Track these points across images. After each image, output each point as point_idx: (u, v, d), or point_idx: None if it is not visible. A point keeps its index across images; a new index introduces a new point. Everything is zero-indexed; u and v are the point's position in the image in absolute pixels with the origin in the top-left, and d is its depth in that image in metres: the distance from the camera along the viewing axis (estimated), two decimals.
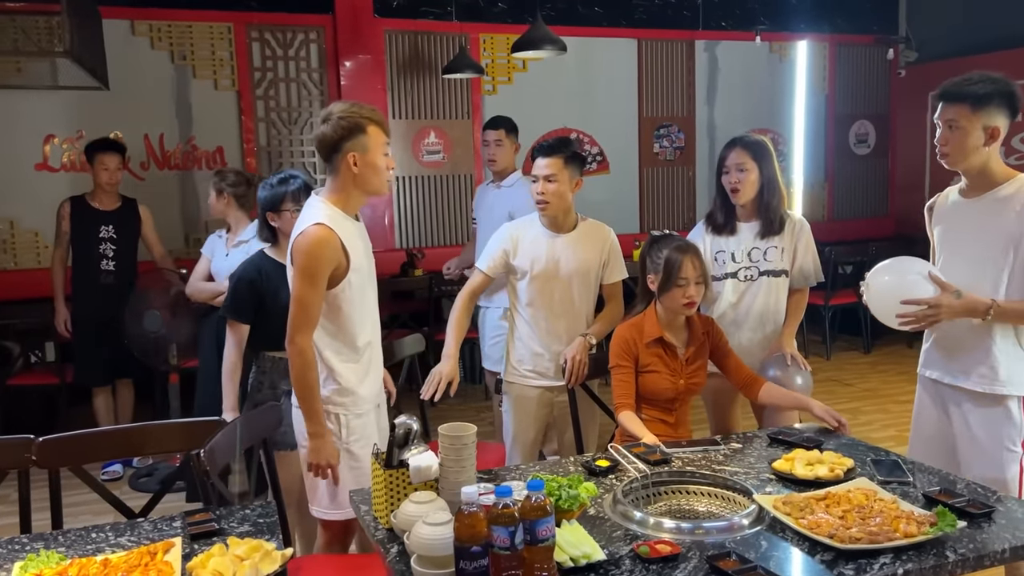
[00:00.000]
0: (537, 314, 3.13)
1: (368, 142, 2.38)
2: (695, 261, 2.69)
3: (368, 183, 2.45)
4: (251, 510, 2.03)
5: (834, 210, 8.38)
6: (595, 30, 7.34)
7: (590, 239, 3.12)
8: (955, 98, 2.38)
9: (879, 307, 2.52)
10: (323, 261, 2.36)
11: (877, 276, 2.54)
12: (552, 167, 3.01)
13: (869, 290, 2.54)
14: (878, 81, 8.39)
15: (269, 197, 2.96)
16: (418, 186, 7.06)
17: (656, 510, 2.07)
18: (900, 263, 2.55)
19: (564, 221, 3.12)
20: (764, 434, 2.55)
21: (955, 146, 2.39)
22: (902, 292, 2.43)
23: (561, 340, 3.09)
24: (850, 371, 6.39)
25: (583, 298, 3.12)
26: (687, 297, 2.68)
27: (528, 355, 3.16)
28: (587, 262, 3.10)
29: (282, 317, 2.79)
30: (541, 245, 3.11)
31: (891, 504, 1.92)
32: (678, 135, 7.79)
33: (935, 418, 2.61)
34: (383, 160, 2.43)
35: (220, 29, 6.41)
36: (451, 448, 1.88)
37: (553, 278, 3.09)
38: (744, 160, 3.07)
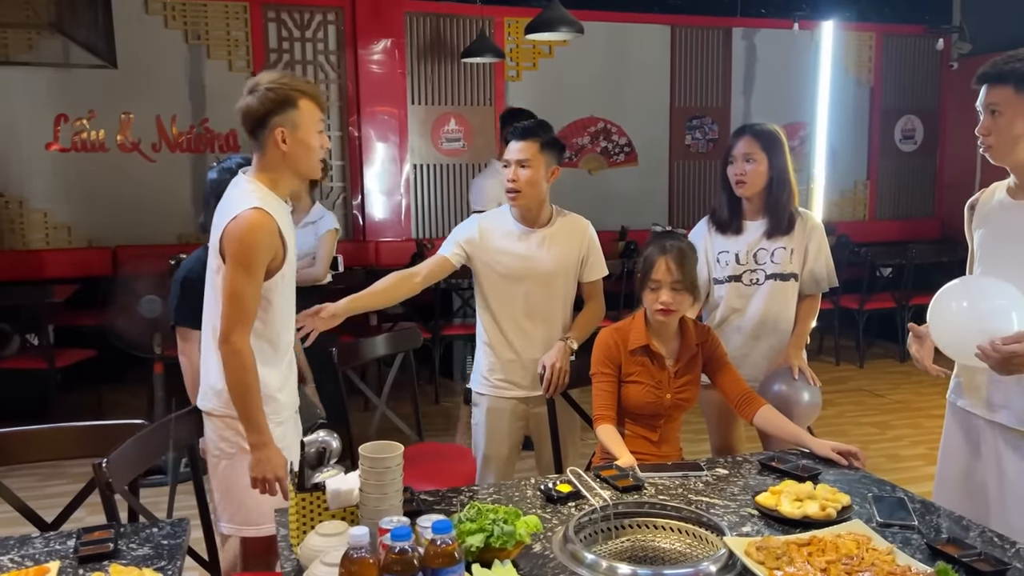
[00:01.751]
0: (508, 317, 2.79)
1: (299, 117, 2.13)
2: (671, 264, 2.39)
3: (298, 163, 2.18)
4: (159, 528, 1.81)
5: (876, 209, 7.96)
6: (627, 15, 7.04)
7: (567, 235, 2.80)
8: (997, 79, 2.02)
9: (947, 340, 2.07)
10: (261, 249, 2.10)
11: (947, 301, 2.07)
12: (526, 151, 2.68)
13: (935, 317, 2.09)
14: (927, 74, 7.93)
15: (221, 181, 2.44)
16: (437, 174, 6.84)
17: (613, 547, 1.81)
18: (980, 286, 2.11)
19: (538, 214, 2.78)
20: (755, 460, 2.26)
21: (999, 136, 2.02)
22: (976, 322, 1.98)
23: (536, 346, 2.77)
24: (883, 381, 6.01)
25: (560, 299, 2.80)
26: (660, 303, 2.40)
27: (499, 363, 2.81)
28: (563, 260, 2.77)
29: None
30: (512, 240, 2.77)
31: (885, 556, 1.63)
32: (711, 127, 7.45)
33: (966, 454, 2.23)
34: (316, 139, 2.18)
35: (236, 8, 6.25)
36: (371, 471, 1.64)
37: (525, 277, 2.75)
38: (753, 150, 2.78)
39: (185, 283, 2.56)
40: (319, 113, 2.19)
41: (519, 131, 2.72)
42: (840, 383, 5.95)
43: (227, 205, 2.15)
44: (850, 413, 5.29)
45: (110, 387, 5.33)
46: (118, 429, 2.03)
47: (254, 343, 2.14)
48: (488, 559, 1.59)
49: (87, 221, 6.07)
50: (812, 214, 2.95)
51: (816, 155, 7.39)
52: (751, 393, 2.50)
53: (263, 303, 2.16)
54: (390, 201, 6.67)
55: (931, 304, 2.11)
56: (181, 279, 2.61)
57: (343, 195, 6.68)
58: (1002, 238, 2.13)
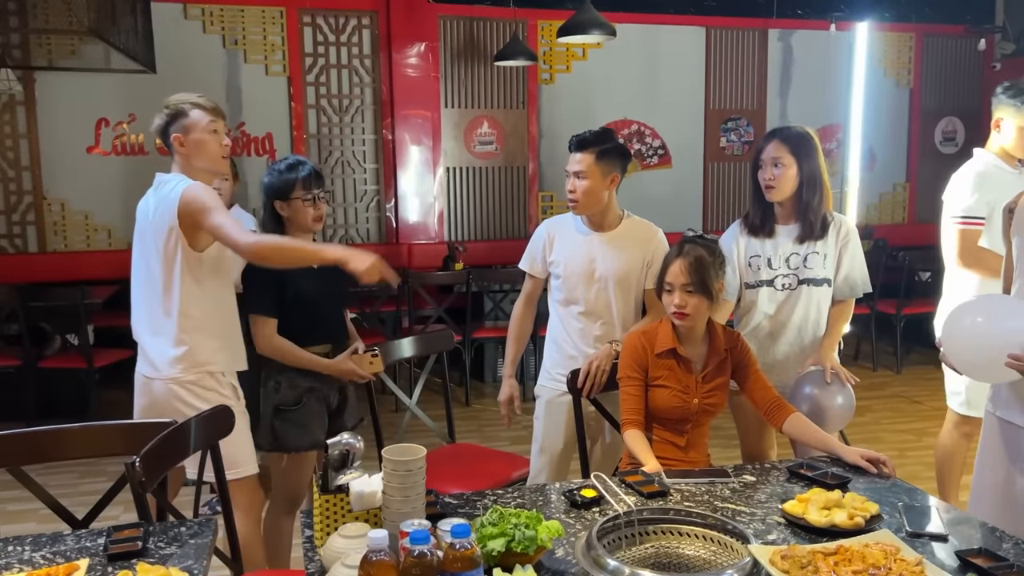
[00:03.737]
0: (571, 316, 2.87)
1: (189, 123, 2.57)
2: (686, 266, 2.38)
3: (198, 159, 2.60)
4: (186, 527, 1.84)
5: (915, 213, 7.82)
6: (661, 17, 7.00)
7: (632, 239, 2.83)
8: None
9: (963, 358, 2.08)
10: (215, 196, 2.54)
11: (962, 317, 2.06)
12: (582, 163, 2.74)
13: (949, 335, 2.09)
14: (969, 75, 7.77)
15: (278, 184, 2.73)
16: (469, 177, 6.86)
17: (637, 554, 1.79)
18: (997, 302, 2.10)
19: (603, 219, 2.84)
20: (784, 467, 2.23)
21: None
22: (993, 340, 1.97)
23: (594, 346, 2.81)
24: (921, 387, 5.90)
25: (623, 302, 2.82)
26: (674, 305, 2.38)
27: (562, 358, 2.89)
28: (627, 264, 2.80)
29: (297, 311, 2.75)
30: (577, 243, 2.86)
31: (914, 567, 1.60)
32: (747, 129, 7.38)
33: (1006, 465, 2.18)
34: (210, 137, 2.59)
35: (272, 13, 6.32)
36: (394, 474, 1.65)
37: (588, 279, 2.82)
38: (781, 154, 2.74)
39: (260, 275, 2.68)
40: (208, 116, 2.58)
41: (575, 143, 2.79)
42: (877, 389, 5.86)
43: (170, 188, 2.56)
44: (887, 420, 5.20)
45: None
46: (150, 427, 2.06)
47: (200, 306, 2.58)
48: (510, 564, 1.58)
49: (127, 223, 6.14)
50: (846, 218, 2.91)
51: (851, 158, 7.28)
52: (780, 400, 2.47)
53: (208, 266, 2.58)
54: (423, 204, 6.71)
55: (945, 324, 2.09)
56: (251, 273, 2.72)
57: (377, 198, 6.73)
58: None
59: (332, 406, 2.89)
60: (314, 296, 2.78)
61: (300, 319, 2.76)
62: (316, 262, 2.59)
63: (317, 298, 2.79)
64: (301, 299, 2.75)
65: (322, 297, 2.81)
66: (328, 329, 2.87)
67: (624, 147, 2.83)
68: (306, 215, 2.75)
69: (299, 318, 2.76)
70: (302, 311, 2.76)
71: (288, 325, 2.75)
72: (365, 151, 6.67)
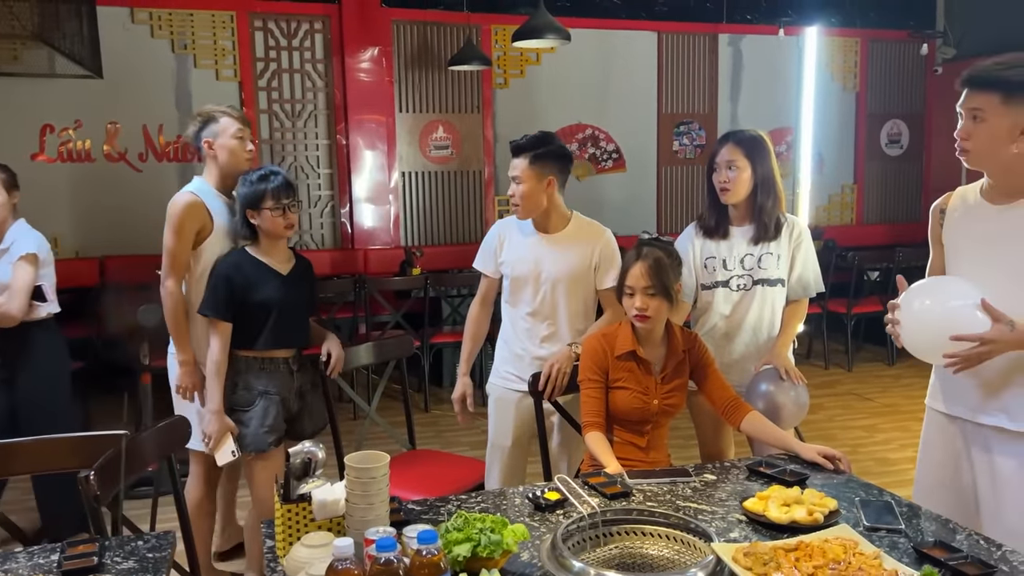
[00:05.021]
0: (519, 316, 2.91)
1: (218, 129, 2.91)
2: (645, 269, 2.40)
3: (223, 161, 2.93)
4: (143, 541, 1.80)
5: (863, 214, 8.00)
6: (614, 22, 7.07)
7: (578, 241, 2.85)
8: (984, 84, 2.00)
9: (914, 340, 2.07)
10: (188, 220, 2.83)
11: (911, 300, 2.07)
12: (517, 168, 2.78)
13: (903, 318, 2.08)
14: (913, 79, 7.98)
15: (249, 194, 2.79)
16: (425, 181, 6.84)
17: (601, 555, 1.80)
18: (940, 285, 2.12)
19: (547, 221, 2.86)
20: (743, 465, 2.26)
21: (978, 142, 2.01)
22: (947, 322, 1.98)
23: (542, 346, 2.85)
24: (872, 384, 6.03)
25: (570, 303, 2.85)
26: (635, 308, 2.40)
27: (510, 357, 2.94)
28: (572, 265, 2.83)
29: (257, 316, 2.80)
30: (524, 245, 2.89)
31: (872, 560, 1.63)
32: (699, 133, 7.48)
33: (952, 461, 2.21)
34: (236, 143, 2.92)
35: (222, 17, 6.24)
36: (357, 481, 1.63)
37: (534, 280, 2.85)
38: (736, 157, 2.78)
39: (217, 279, 2.79)
40: (236, 124, 2.91)
41: (511, 148, 2.82)
42: (829, 387, 5.97)
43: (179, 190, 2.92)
44: (839, 417, 5.30)
45: (98, 398, 5.29)
46: (102, 440, 2.01)
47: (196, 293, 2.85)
48: (475, 568, 1.58)
49: (74, 232, 6.05)
50: (799, 220, 2.96)
51: (802, 160, 7.42)
52: (738, 400, 2.50)
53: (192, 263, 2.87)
54: (378, 209, 6.67)
55: (900, 302, 2.11)
56: (216, 273, 2.81)
57: (331, 203, 6.67)
58: (980, 243, 2.11)
59: (292, 411, 2.91)
60: (278, 303, 2.82)
61: (264, 324, 2.81)
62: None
63: (281, 305, 2.83)
64: (267, 306, 2.80)
65: (286, 305, 2.84)
66: (291, 335, 2.90)
67: (561, 150, 2.84)
68: (277, 224, 2.81)
69: (263, 323, 2.81)
70: (266, 317, 2.81)
71: (251, 330, 2.80)
72: (319, 156, 6.61)
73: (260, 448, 2.82)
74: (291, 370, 2.89)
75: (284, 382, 2.86)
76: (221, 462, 2.78)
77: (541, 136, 2.81)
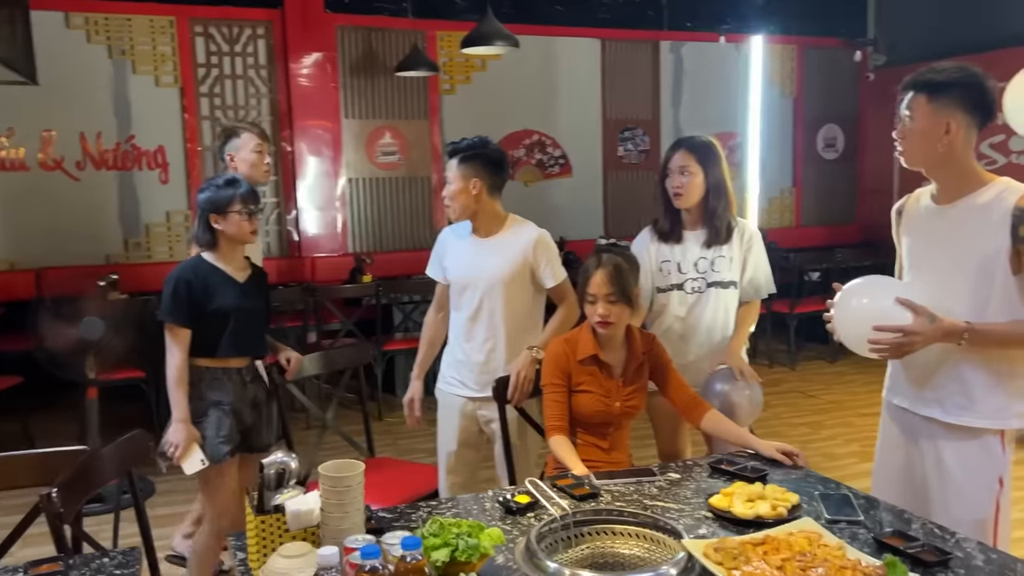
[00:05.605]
0: (460, 320, 2.95)
1: (239, 143, 3.18)
2: (606, 277, 2.43)
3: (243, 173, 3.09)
4: (109, 558, 1.76)
5: (802, 216, 8.22)
6: (557, 29, 7.14)
7: (511, 243, 2.88)
8: (913, 86, 2.10)
9: (848, 333, 2.18)
10: None
11: (847, 299, 2.19)
12: (448, 169, 2.86)
13: (837, 314, 2.20)
14: (847, 84, 8.24)
15: (216, 199, 2.78)
16: (373, 188, 6.81)
17: (574, 556, 1.83)
18: (872, 284, 2.21)
19: (483, 224, 2.89)
20: (705, 463, 2.31)
21: (910, 142, 2.11)
22: (875, 318, 2.09)
23: (481, 350, 2.88)
24: (815, 382, 6.20)
25: (509, 306, 2.86)
26: (598, 315, 2.44)
27: (453, 361, 2.98)
28: (506, 268, 2.84)
29: (215, 323, 2.77)
30: (462, 249, 2.94)
31: (836, 551, 1.69)
32: (643, 138, 7.60)
33: (903, 452, 2.30)
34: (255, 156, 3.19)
35: (161, 23, 6.13)
36: (332, 491, 1.63)
37: (472, 284, 2.88)
38: (688, 163, 2.85)
39: (176, 284, 2.75)
40: (256, 139, 3.19)
41: (446, 150, 2.90)
42: (774, 385, 6.12)
43: None
44: (785, 415, 5.44)
45: (39, 414, 5.14)
46: (60, 457, 1.96)
47: None
48: (453, 573, 1.59)
49: (9, 243, 5.86)
50: (749, 223, 3.04)
51: (749, 164, 7.61)
52: (697, 399, 2.56)
53: None
54: (325, 216, 6.61)
55: (835, 301, 2.20)
56: (174, 281, 2.76)
57: (277, 211, 6.59)
58: (927, 243, 2.21)
59: (246, 422, 2.87)
60: (234, 311, 2.80)
61: (221, 332, 2.79)
62: None
63: (237, 313, 2.81)
64: (224, 314, 2.78)
65: (242, 313, 2.82)
66: (248, 344, 2.88)
67: (492, 155, 2.86)
68: (243, 229, 2.80)
69: (220, 331, 2.79)
70: (222, 325, 2.78)
71: (209, 338, 2.78)
72: None
73: (216, 458, 2.78)
74: (244, 381, 2.85)
75: (237, 393, 2.83)
76: (190, 471, 2.74)
77: (474, 140, 2.86)
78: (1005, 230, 2.00)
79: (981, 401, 2.10)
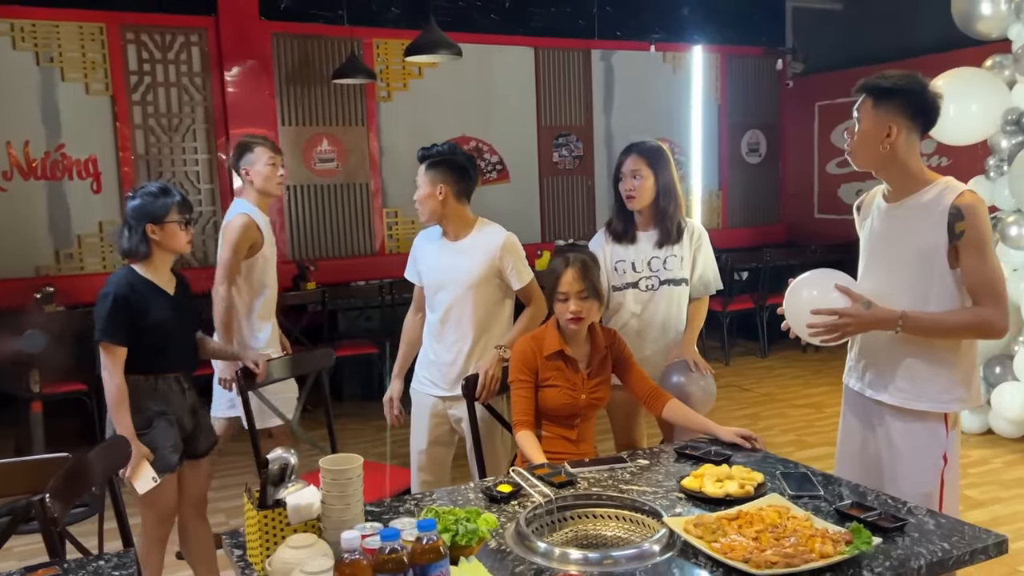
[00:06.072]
0: (432, 322, 3.04)
1: (253, 157, 3.42)
2: (577, 274, 2.55)
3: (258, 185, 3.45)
4: (106, 561, 1.78)
5: (728, 218, 8.52)
6: (492, 37, 7.23)
7: (479, 247, 2.97)
8: (861, 90, 2.26)
9: (796, 323, 2.31)
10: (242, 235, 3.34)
11: (797, 291, 2.33)
12: (418, 173, 2.95)
13: (788, 305, 2.33)
14: (768, 91, 8.58)
15: (152, 208, 2.73)
16: (312, 195, 6.78)
17: (561, 538, 1.93)
18: (821, 275, 2.35)
19: (452, 228, 2.98)
20: (671, 449, 2.44)
21: (856, 143, 2.27)
22: (817, 305, 2.24)
23: (451, 350, 2.97)
24: (748, 376, 6.45)
25: (478, 308, 2.95)
26: (570, 312, 2.55)
27: (425, 361, 3.07)
28: (475, 270, 2.93)
29: (152, 337, 2.73)
30: (432, 253, 3.03)
31: (804, 522, 1.83)
32: (576, 144, 7.77)
33: (860, 432, 2.46)
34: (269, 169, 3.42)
35: (91, 29, 5.99)
36: (334, 483, 1.69)
37: (441, 286, 2.98)
38: (640, 167, 2.99)
39: (114, 301, 2.67)
40: (269, 152, 3.42)
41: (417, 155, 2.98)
42: None
43: (229, 212, 3.44)
44: (723, 408, 5.65)
45: None
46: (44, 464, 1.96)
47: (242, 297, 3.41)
48: (453, 556, 1.66)
49: None
50: (698, 223, 3.20)
51: (693, 167, 7.91)
52: (658, 389, 2.69)
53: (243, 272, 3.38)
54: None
55: (787, 293, 2.35)
56: (111, 297, 2.67)
57: (213, 219, 6.50)
58: (879, 238, 2.37)
59: (187, 430, 2.87)
60: (169, 324, 2.79)
61: (159, 345, 2.76)
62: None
63: (172, 326, 2.80)
64: (160, 327, 2.76)
65: (176, 325, 2.82)
66: (184, 355, 2.88)
67: (459, 161, 2.94)
68: (180, 239, 2.79)
69: (158, 344, 2.76)
70: (159, 339, 2.76)
71: (143, 353, 2.74)
72: (199, 171, 6.44)
73: (170, 468, 2.77)
74: (183, 388, 2.84)
75: (178, 401, 2.82)
76: (143, 490, 2.68)
77: (443, 147, 2.96)
78: (943, 227, 2.17)
79: (926, 387, 2.26)
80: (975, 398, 2.30)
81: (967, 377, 2.28)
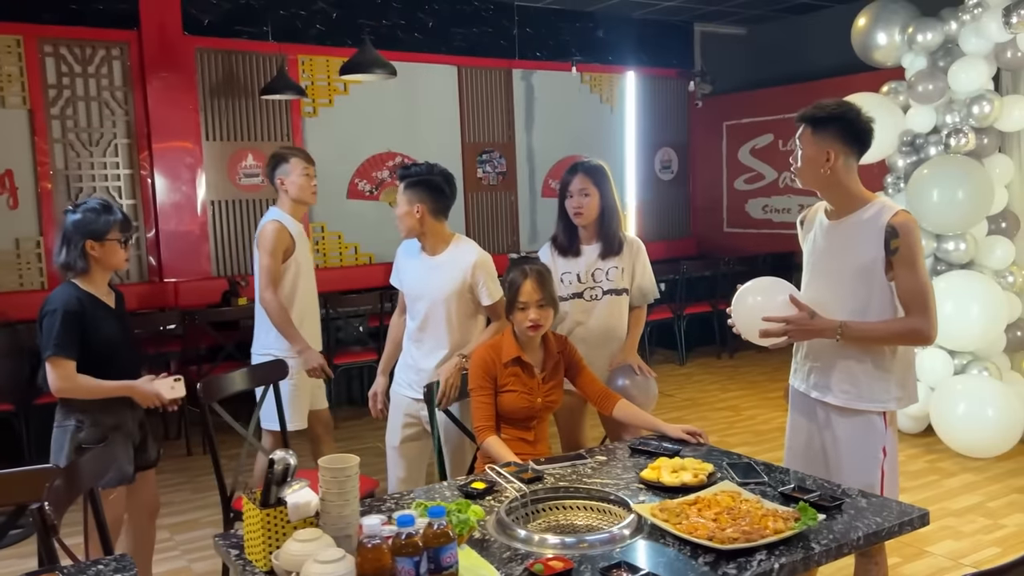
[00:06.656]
0: (411, 329, 3.21)
1: (288, 167, 3.62)
2: (535, 284, 2.72)
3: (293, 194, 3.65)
4: (104, 564, 1.83)
5: (643, 232, 8.86)
6: (416, 55, 7.38)
7: (453, 263, 3.11)
8: (800, 120, 2.48)
9: (744, 327, 2.52)
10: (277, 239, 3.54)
11: (744, 297, 2.54)
12: (397, 193, 3.12)
13: (735, 310, 2.54)
14: (680, 111, 9.00)
15: (93, 225, 2.76)
16: (237, 210, 6.76)
17: (537, 527, 2.08)
18: (769, 284, 2.56)
19: (429, 244, 3.14)
20: (626, 445, 2.63)
21: (800, 167, 2.48)
22: (766, 312, 2.45)
23: (427, 357, 3.13)
24: (670, 383, 6.75)
25: (452, 319, 3.10)
26: (529, 320, 2.72)
27: (403, 365, 3.24)
28: (447, 286, 3.08)
29: (101, 351, 2.77)
30: (411, 265, 3.20)
31: (756, 504, 2.04)
32: (500, 161, 7.97)
33: (806, 429, 2.65)
34: (303, 179, 3.62)
35: (7, 42, 5.86)
36: (333, 481, 1.80)
37: (418, 297, 3.14)
38: (586, 185, 3.18)
39: (64, 316, 2.69)
40: (303, 163, 3.61)
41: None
42: None
43: (263, 219, 3.62)
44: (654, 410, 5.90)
45: None
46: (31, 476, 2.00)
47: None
48: None
49: None
50: (635, 237, 3.41)
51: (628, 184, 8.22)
52: (607, 390, 2.88)
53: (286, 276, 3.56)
54: (188, 240, 6.50)
55: (734, 299, 2.57)
56: (61, 312, 2.69)
57: (136, 235, 6.41)
58: (821, 252, 2.58)
59: (136, 442, 2.92)
60: (116, 338, 2.84)
61: (107, 359, 2.80)
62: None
63: (118, 339, 2.85)
64: (109, 341, 2.80)
65: (122, 338, 2.87)
66: (127, 368, 2.90)
67: (435, 181, 3.09)
68: (119, 256, 2.83)
69: (107, 358, 2.80)
70: (107, 352, 2.80)
71: (90, 366, 2.77)
72: (121, 187, 6.35)
73: (128, 480, 2.83)
74: (131, 401, 2.88)
75: (128, 413, 2.87)
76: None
77: (421, 166, 3.10)
78: (881, 243, 2.39)
79: (865, 388, 2.47)
80: (911, 397, 2.52)
81: (903, 378, 2.50)
